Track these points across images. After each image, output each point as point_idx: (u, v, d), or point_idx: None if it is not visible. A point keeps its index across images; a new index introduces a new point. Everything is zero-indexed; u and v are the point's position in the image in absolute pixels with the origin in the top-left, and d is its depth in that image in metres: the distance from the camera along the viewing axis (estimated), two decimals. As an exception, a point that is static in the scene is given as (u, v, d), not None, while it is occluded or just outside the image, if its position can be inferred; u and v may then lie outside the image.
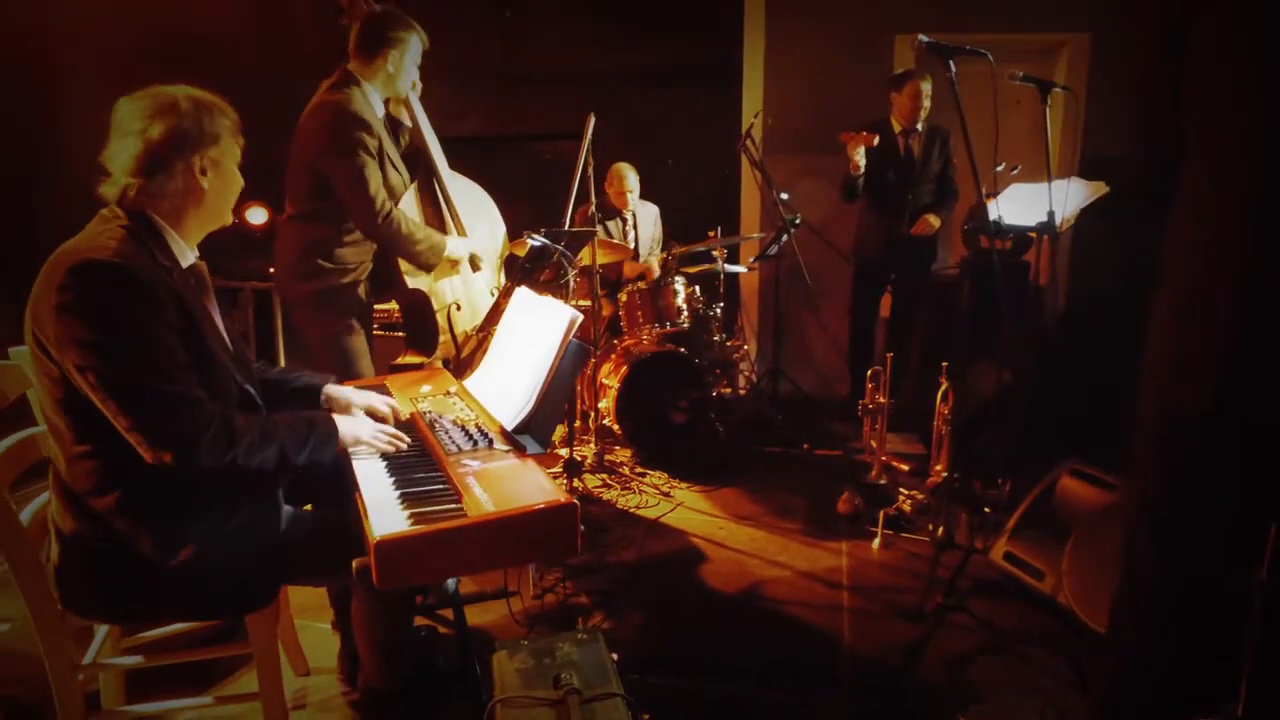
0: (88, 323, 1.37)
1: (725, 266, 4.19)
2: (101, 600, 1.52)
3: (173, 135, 1.49)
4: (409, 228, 2.65)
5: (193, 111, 1.52)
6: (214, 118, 1.56)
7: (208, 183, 1.57)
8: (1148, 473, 1.21)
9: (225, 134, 1.59)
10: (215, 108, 1.58)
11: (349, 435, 1.68)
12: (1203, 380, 1.10)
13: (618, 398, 3.76)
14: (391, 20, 2.61)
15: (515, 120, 5.27)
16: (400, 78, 2.65)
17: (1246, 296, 1.07)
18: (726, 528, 3.14)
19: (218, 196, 1.60)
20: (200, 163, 1.54)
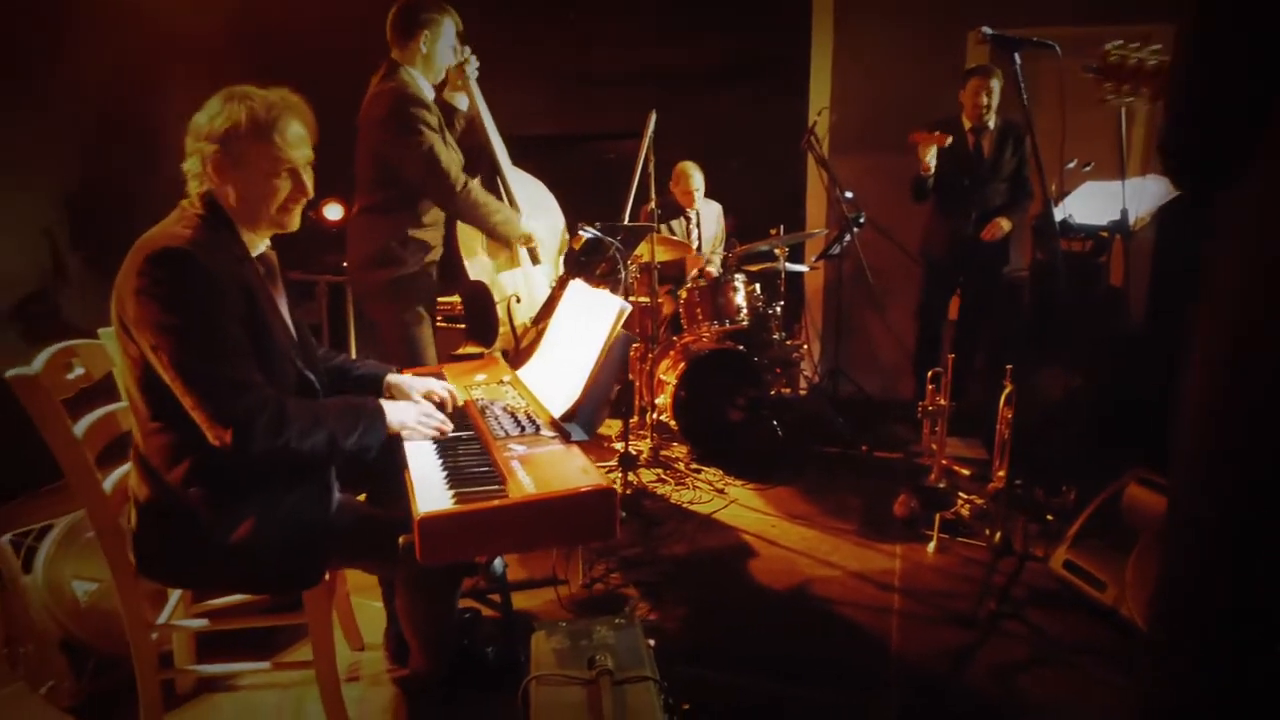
0: (161, 306, 1.47)
1: (787, 265, 4.16)
2: (169, 566, 1.63)
3: (245, 136, 1.57)
4: (486, 197, 2.74)
5: (259, 111, 1.58)
6: (281, 117, 1.61)
7: (265, 179, 1.61)
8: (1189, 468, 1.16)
9: (291, 133, 1.63)
10: (283, 107, 1.62)
11: (395, 421, 1.74)
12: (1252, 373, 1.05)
13: (675, 394, 3.78)
14: (422, 3, 2.69)
15: (581, 119, 5.35)
16: (436, 58, 2.73)
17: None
18: (779, 526, 3.13)
19: (274, 193, 1.64)
20: (263, 160, 1.60)
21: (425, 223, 2.77)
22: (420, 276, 2.79)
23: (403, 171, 2.64)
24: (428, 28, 2.67)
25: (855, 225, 4.04)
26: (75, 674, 1.91)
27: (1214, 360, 1.11)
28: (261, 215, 1.65)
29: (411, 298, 2.78)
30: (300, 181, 1.67)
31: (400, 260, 2.73)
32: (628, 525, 3.10)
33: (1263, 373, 1.05)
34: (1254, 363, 1.06)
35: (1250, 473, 1.08)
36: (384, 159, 2.65)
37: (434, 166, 2.60)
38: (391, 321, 2.79)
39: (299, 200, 1.69)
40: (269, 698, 2.03)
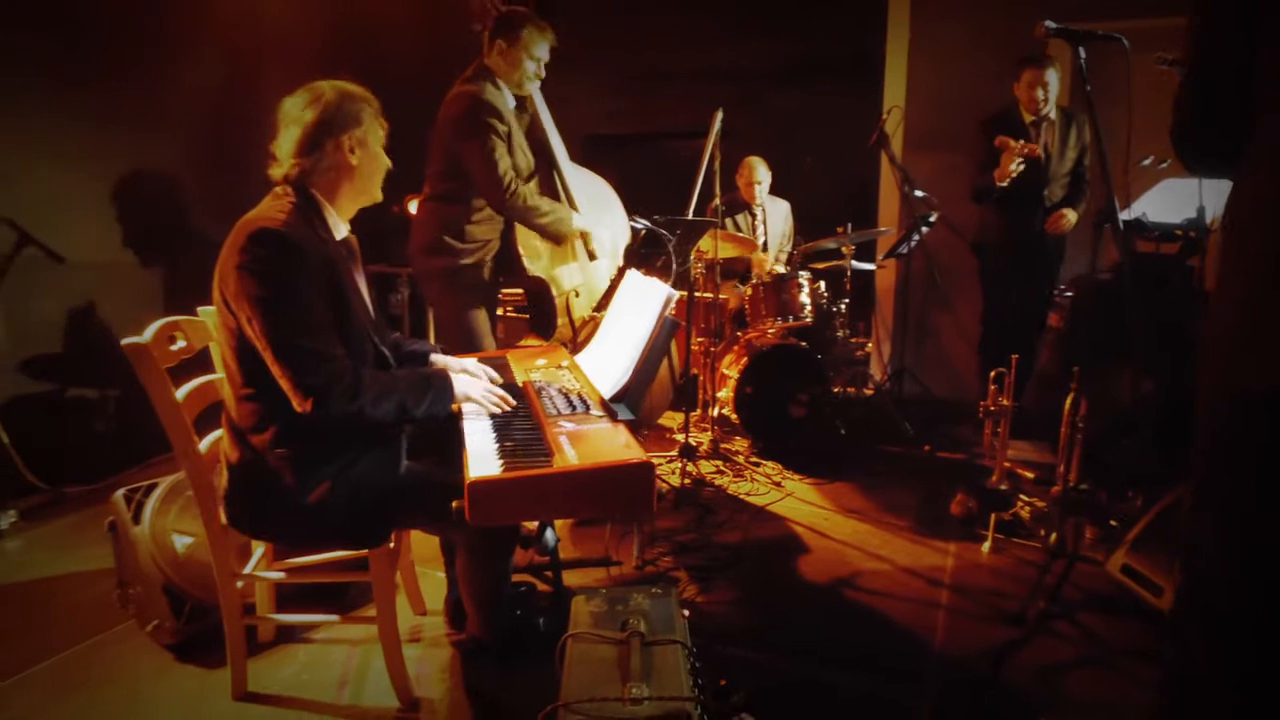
0: (258, 281, 1.64)
1: (853, 263, 4.16)
2: (254, 522, 1.81)
3: (323, 119, 1.76)
4: (535, 201, 2.88)
5: (338, 99, 1.78)
6: (357, 103, 1.81)
7: (356, 159, 1.82)
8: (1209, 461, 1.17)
9: (368, 117, 1.83)
10: (358, 95, 1.83)
11: (462, 392, 1.89)
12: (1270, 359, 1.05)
13: (737, 388, 3.84)
14: (518, 20, 2.84)
15: (653, 118, 5.46)
16: (524, 72, 2.88)
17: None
18: (832, 519, 3.15)
19: (365, 173, 1.85)
20: (349, 142, 1.80)
21: (483, 218, 2.92)
22: (475, 268, 2.94)
23: (465, 169, 2.80)
24: (520, 44, 2.83)
25: (925, 224, 4.01)
26: (174, 616, 2.13)
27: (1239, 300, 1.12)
28: (370, 190, 1.87)
29: (465, 288, 2.93)
30: (379, 155, 1.88)
31: (455, 251, 2.89)
32: (683, 512, 3.19)
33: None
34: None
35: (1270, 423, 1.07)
36: (452, 154, 2.81)
37: (490, 170, 2.74)
38: (446, 308, 2.97)
39: (381, 172, 1.90)
40: (338, 652, 2.20)
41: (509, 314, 4.36)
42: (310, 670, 2.11)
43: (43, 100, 3.45)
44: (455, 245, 2.90)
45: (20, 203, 3.41)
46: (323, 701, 1.97)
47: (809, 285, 4.01)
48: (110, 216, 3.76)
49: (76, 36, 3.53)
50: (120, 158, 3.75)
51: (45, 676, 2.12)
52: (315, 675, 2.09)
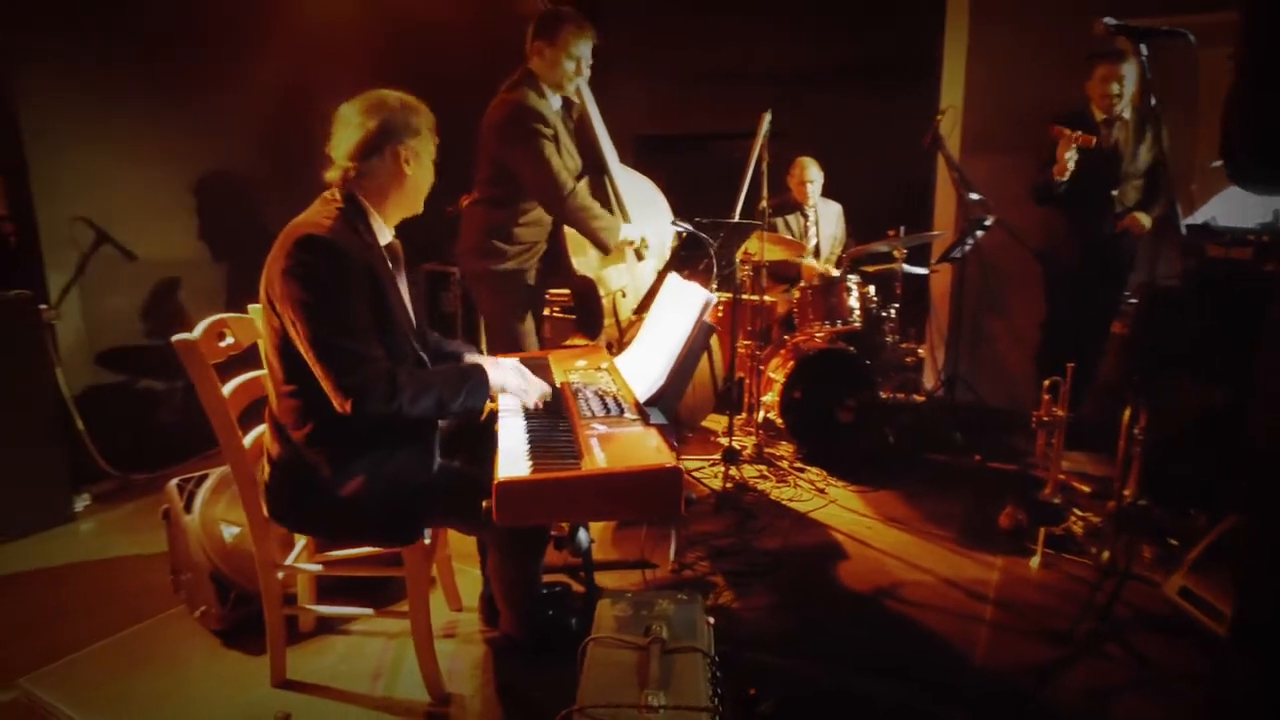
0: (302, 285, 1.69)
1: (905, 267, 4.07)
2: (292, 515, 1.86)
3: (384, 126, 1.81)
4: (590, 203, 2.89)
5: (400, 109, 1.83)
6: (417, 115, 1.87)
7: (410, 170, 1.86)
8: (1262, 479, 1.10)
9: (425, 130, 1.88)
10: (418, 108, 1.88)
11: (498, 383, 1.91)
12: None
13: (783, 392, 3.80)
14: (557, 20, 2.84)
15: (704, 119, 5.44)
16: (564, 72, 2.87)
17: None
18: (874, 528, 3.09)
19: (416, 184, 1.90)
20: (405, 152, 1.84)
21: (529, 220, 2.95)
22: (521, 271, 2.96)
23: (515, 175, 2.82)
24: (560, 43, 2.83)
25: (981, 228, 3.90)
26: (220, 603, 2.21)
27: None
28: (416, 200, 1.92)
29: (511, 290, 2.96)
30: (429, 169, 1.92)
31: (501, 253, 2.92)
32: (723, 517, 3.17)
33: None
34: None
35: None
36: (497, 160, 2.84)
37: (544, 173, 2.76)
38: (492, 310, 3.00)
39: (427, 186, 1.95)
40: (375, 644, 2.25)
41: (556, 314, 4.40)
42: (348, 661, 2.16)
43: (123, 105, 3.63)
44: (501, 248, 2.93)
45: (98, 202, 3.60)
46: (357, 692, 2.02)
47: (858, 289, 3.94)
48: (180, 216, 3.93)
49: (155, 45, 3.71)
50: (192, 160, 3.92)
51: (107, 652, 2.23)
52: (352, 666, 2.14)
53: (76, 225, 3.58)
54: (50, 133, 3.41)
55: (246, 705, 1.97)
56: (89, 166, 3.55)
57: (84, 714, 1.96)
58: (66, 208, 3.52)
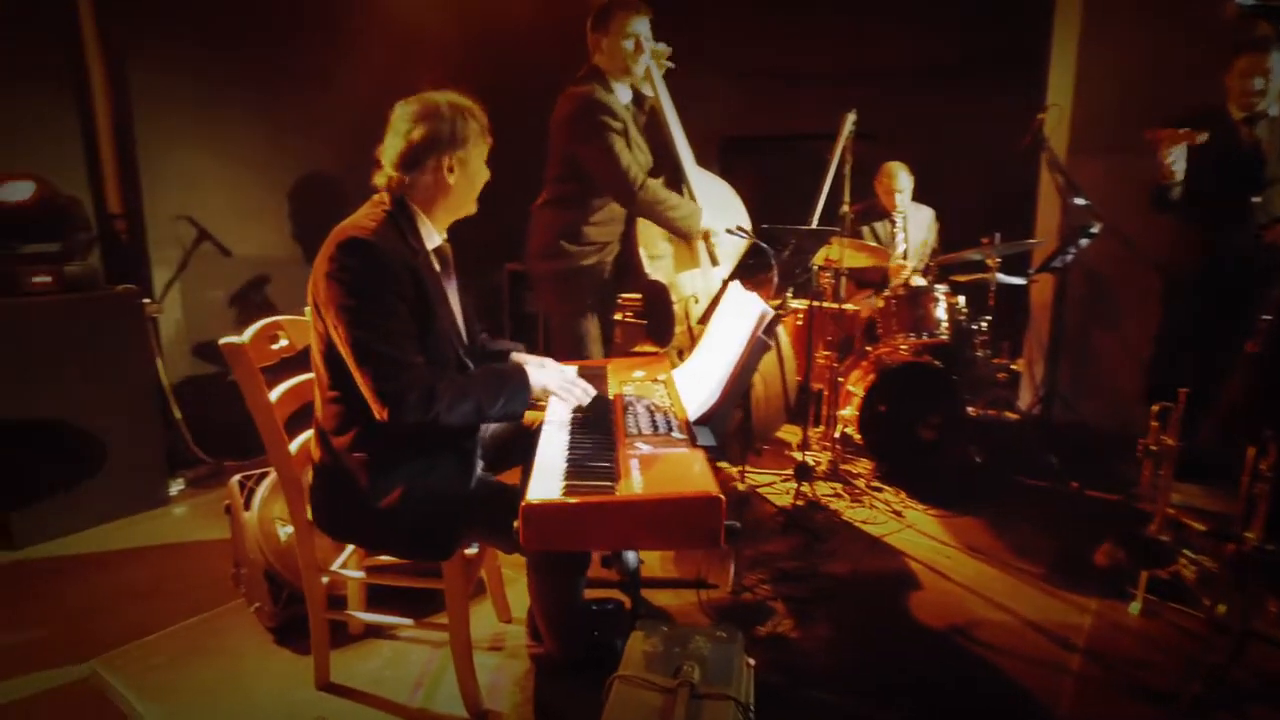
0: (344, 289, 1.67)
1: (1000, 277, 3.80)
2: (332, 522, 1.85)
3: (429, 138, 1.77)
4: (664, 194, 2.81)
5: (449, 117, 1.77)
6: (466, 122, 1.80)
7: (454, 179, 1.82)
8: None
9: (474, 136, 1.82)
10: (469, 112, 1.82)
11: (539, 385, 1.84)
12: None
13: (862, 406, 3.61)
14: (607, 9, 2.78)
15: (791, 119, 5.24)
16: (627, 54, 2.80)
17: None
18: (954, 558, 2.88)
19: (461, 191, 1.85)
20: (449, 162, 1.80)
21: (600, 220, 2.88)
22: (591, 271, 2.90)
23: (585, 170, 2.77)
24: (613, 26, 2.77)
25: (1086, 236, 3.60)
26: (273, 600, 2.24)
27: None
28: (465, 204, 1.88)
29: (579, 292, 2.90)
30: (478, 174, 1.87)
31: (570, 254, 2.87)
32: (791, 537, 3.02)
33: None
34: None
35: None
36: (568, 157, 2.79)
37: (612, 166, 2.70)
38: (558, 313, 2.95)
39: (477, 188, 1.89)
40: (421, 652, 2.24)
41: (628, 318, 4.34)
42: (391, 667, 2.15)
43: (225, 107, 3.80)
44: (571, 248, 2.88)
45: (199, 201, 3.77)
46: (396, 702, 2.00)
47: (946, 299, 3.70)
48: (272, 216, 4.08)
49: (258, 47, 3.87)
50: (286, 161, 4.07)
51: (170, 639, 2.30)
52: (395, 673, 2.13)
53: (180, 223, 3.76)
54: (160, 134, 3.60)
55: (289, 705, 1.98)
56: (192, 166, 3.73)
57: (141, 699, 2.02)
58: (171, 206, 3.70)
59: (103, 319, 3.16)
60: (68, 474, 3.08)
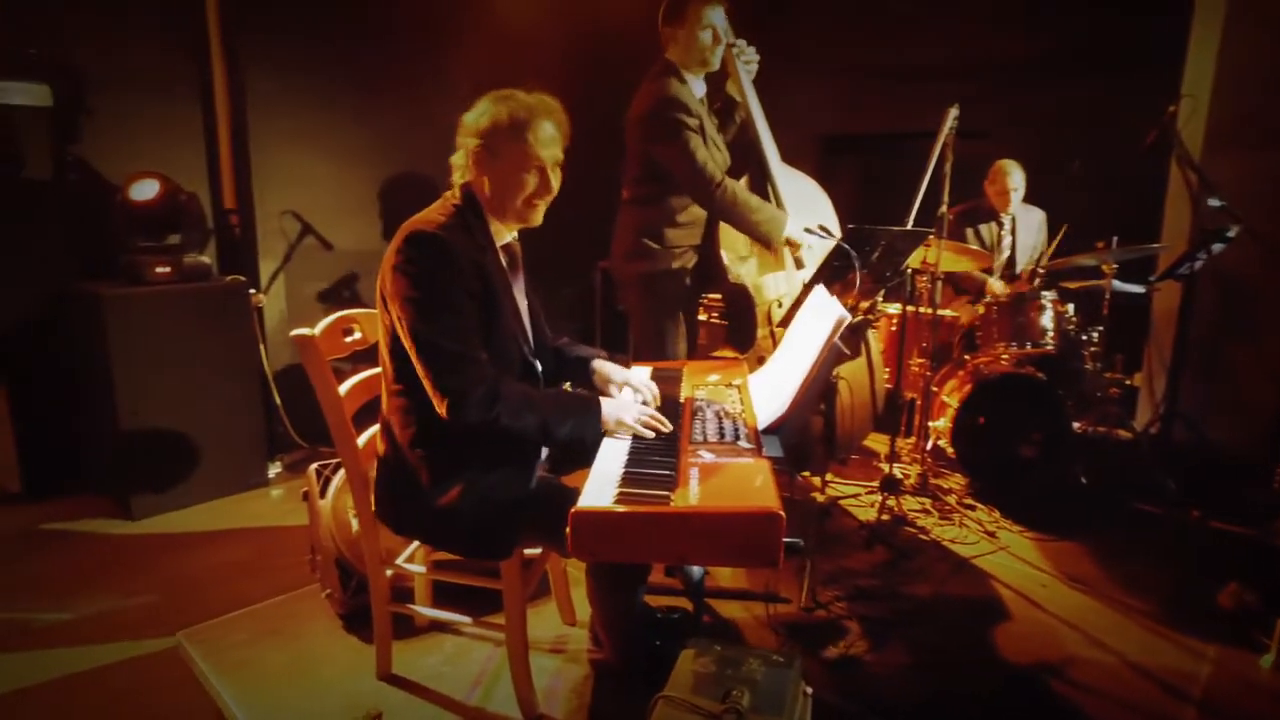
0: (410, 282, 1.66)
1: (1116, 284, 3.51)
2: (393, 516, 1.85)
3: (502, 133, 1.72)
4: (745, 196, 2.72)
5: (517, 112, 1.71)
6: (535, 118, 1.73)
7: (505, 180, 1.75)
8: None
9: (543, 133, 1.74)
10: (539, 109, 1.74)
11: (611, 417, 1.75)
12: None
13: (956, 419, 3.41)
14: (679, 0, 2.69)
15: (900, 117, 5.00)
16: (703, 45, 2.72)
17: None
18: (1050, 586, 2.67)
19: (496, 190, 1.77)
20: (516, 156, 1.74)
21: (683, 220, 2.81)
22: (675, 273, 2.84)
23: (664, 169, 2.71)
24: (688, 16, 2.70)
25: (1221, 240, 3.27)
26: (343, 588, 2.29)
27: None
28: (509, 208, 1.79)
29: (663, 293, 2.84)
30: (546, 179, 1.78)
31: (654, 255, 2.81)
32: (873, 552, 2.88)
33: None
34: None
35: None
36: (645, 156, 2.74)
37: (690, 164, 2.63)
38: (641, 314, 2.89)
39: (544, 196, 1.80)
40: (483, 650, 2.23)
41: (713, 319, 4.25)
42: (452, 663, 2.16)
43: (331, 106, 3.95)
44: (655, 249, 2.82)
45: (303, 197, 3.94)
46: (453, 699, 2.00)
47: (1054, 307, 3.45)
48: (371, 211, 4.22)
49: (364, 47, 4.00)
50: (386, 158, 4.19)
51: (249, 618, 2.39)
52: (455, 669, 2.13)
53: (286, 218, 3.93)
54: (272, 134, 3.77)
55: (349, 694, 2.01)
56: (298, 163, 3.90)
57: (216, 674, 2.10)
58: (278, 201, 3.88)
59: (213, 308, 3.35)
60: (180, 454, 3.28)
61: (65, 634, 2.32)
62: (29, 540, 2.96)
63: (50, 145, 3.26)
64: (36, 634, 2.32)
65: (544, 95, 1.79)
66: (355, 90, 4.01)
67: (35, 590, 2.58)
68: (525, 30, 4.53)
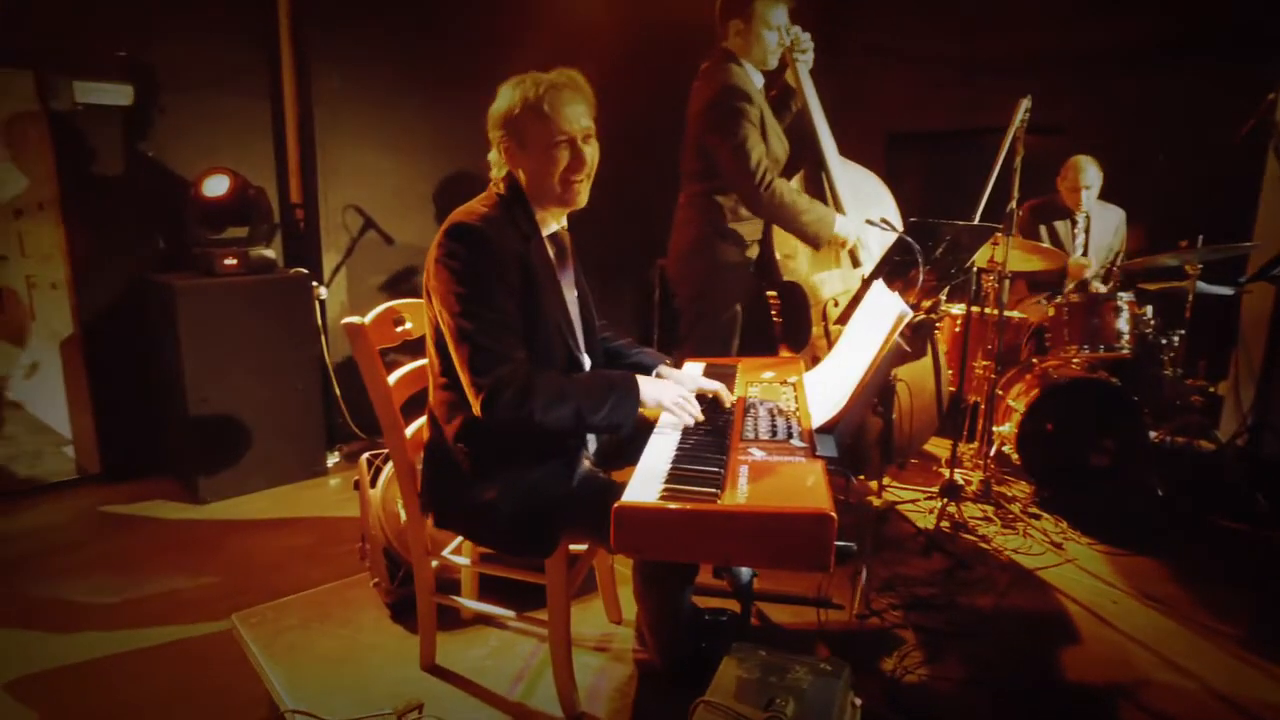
0: (450, 275, 1.64)
1: (1200, 285, 3.31)
2: (437, 508, 1.84)
3: (521, 116, 1.68)
4: (793, 197, 2.64)
5: (542, 93, 1.66)
6: (550, 92, 1.66)
7: (548, 149, 1.68)
8: None
9: (563, 106, 1.67)
10: (554, 83, 1.67)
11: (650, 397, 1.71)
12: None
13: (1022, 423, 3.27)
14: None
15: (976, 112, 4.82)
16: (766, 45, 2.66)
17: None
18: (1122, 603, 2.52)
19: (531, 174, 1.72)
20: (507, 142, 1.71)
21: (745, 215, 2.75)
22: (736, 269, 2.77)
23: (716, 163, 2.65)
24: (754, 11, 2.64)
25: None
26: (390, 578, 2.30)
27: None
28: (548, 190, 1.73)
29: (724, 290, 2.78)
30: (578, 152, 1.71)
31: (718, 252, 2.75)
32: (931, 560, 2.77)
33: None
34: None
35: None
36: (704, 151, 2.68)
37: (741, 162, 2.56)
38: (700, 312, 2.83)
39: (579, 171, 1.73)
40: (527, 645, 2.21)
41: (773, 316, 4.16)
42: (496, 657, 2.15)
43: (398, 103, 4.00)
44: (716, 246, 2.77)
45: (367, 192, 4.00)
46: (495, 693, 1.98)
47: (1130, 309, 3.27)
48: (432, 207, 4.25)
49: (433, 44, 4.04)
50: (450, 155, 4.21)
51: (300, 604, 2.42)
52: (499, 663, 2.12)
53: (348, 213, 4.01)
54: (337, 131, 3.85)
55: (393, 683, 2.02)
56: (363, 159, 3.96)
57: (266, 657, 2.13)
58: (342, 196, 3.95)
59: (278, 299, 3.43)
60: (244, 441, 3.37)
61: (127, 613, 2.40)
62: (104, 520, 3.09)
63: (128, 141, 3.39)
64: (100, 611, 2.41)
65: (562, 69, 1.73)
66: (419, 87, 4.05)
67: (105, 569, 2.68)
68: (588, 25, 4.51)
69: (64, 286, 3.35)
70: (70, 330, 3.39)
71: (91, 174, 3.34)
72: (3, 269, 3.22)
